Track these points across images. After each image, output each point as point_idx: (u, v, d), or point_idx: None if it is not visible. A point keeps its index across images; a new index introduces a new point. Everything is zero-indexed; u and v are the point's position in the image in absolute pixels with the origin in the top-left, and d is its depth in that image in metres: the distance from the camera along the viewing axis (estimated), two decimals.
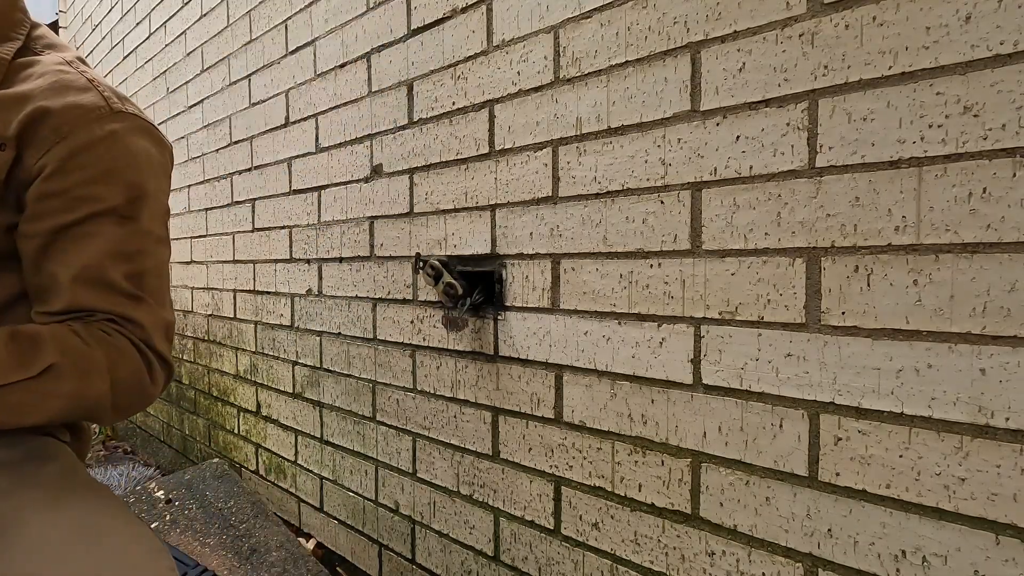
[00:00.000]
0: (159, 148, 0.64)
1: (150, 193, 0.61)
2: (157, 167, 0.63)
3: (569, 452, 0.85)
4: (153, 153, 0.63)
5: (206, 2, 1.74)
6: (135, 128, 0.61)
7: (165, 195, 0.66)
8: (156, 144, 0.64)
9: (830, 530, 0.61)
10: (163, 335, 0.62)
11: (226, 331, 1.74)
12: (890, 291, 0.57)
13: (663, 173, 0.73)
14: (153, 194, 0.62)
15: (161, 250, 0.64)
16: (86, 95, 0.58)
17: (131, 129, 0.60)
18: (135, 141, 0.60)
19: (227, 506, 1.46)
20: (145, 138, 0.62)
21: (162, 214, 0.65)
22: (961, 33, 0.53)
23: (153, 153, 0.63)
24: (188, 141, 1.90)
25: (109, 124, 0.58)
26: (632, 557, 0.78)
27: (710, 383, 0.70)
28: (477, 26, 0.95)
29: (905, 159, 0.56)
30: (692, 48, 0.70)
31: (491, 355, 0.95)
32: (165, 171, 0.66)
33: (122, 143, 0.59)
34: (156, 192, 0.63)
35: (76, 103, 0.57)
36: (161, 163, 0.65)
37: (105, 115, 0.58)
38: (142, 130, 0.62)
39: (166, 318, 0.63)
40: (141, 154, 0.61)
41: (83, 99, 0.57)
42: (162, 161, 0.65)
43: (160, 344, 0.61)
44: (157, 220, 0.63)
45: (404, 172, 1.10)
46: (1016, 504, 0.51)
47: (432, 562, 1.08)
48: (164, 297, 0.64)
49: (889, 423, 0.57)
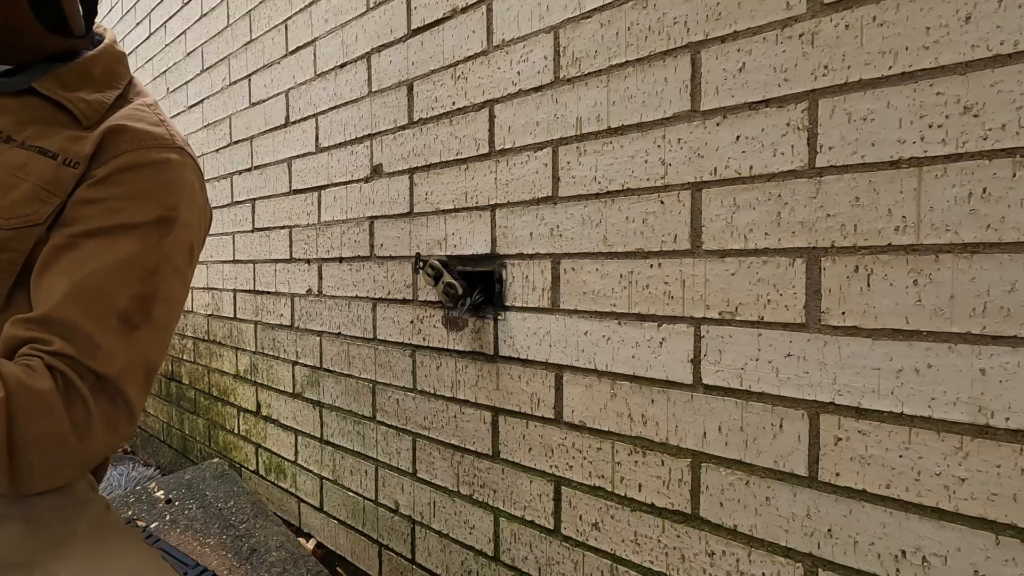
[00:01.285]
0: (202, 189, 0.67)
1: (181, 221, 0.61)
2: (196, 203, 0.65)
3: (569, 452, 0.85)
4: (197, 190, 0.65)
5: (206, 2, 1.74)
6: (189, 164, 0.64)
7: (194, 232, 0.65)
8: (200, 185, 0.67)
9: (830, 530, 0.61)
10: (141, 376, 0.57)
11: (226, 331, 1.74)
12: (890, 291, 0.57)
13: (663, 173, 0.73)
14: (183, 223, 0.62)
15: (176, 282, 0.62)
16: (156, 128, 0.63)
17: (184, 163, 0.63)
18: (185, 173, 0.63)
19: (227, 506, 1.46)
20: (194, 176, 0.65)
21: (188, 249, 0.63)
22: (961, 33, 0.53)
23: (197, 190, 0.65)
24: (188, 141, 1.90)
25: (167, 153, 0.62)
26: (632, 557, 0.78)
27: (710, 383, 0.70)
28: (477, 26, 0.95)
29: (905, 159, 0.56)
30: (692, 48, 0.70)
31: (491, 355, 0.95)
32: (202, 211, 0.67)
33: (172, 171, 0.61)
34: (187, 223, 0.62)
35: (146, 130, 0.62)
36: (201, 202, 0.66)
37: (167, 145, 0.62)
38: (194, 170, 0.65)
39: (152, 357, 0.58)
40: (186, 185, 0.63)
41: (153, 129, 0.62)
42: (202, 201, 0.67)
43: (130, 384, 0.55)
44: (180, 250, 0.62)
45: (404, 172, 1.10)
46: (1016, 504, 0.51)
47: (432, 562, 1.08)
48: (164, 333, 0.60)
49: (889, 423, 0.57)
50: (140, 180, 0.59)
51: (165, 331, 0.61)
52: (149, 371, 0.58)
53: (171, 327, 0.63)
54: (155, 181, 0.60)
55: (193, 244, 0.65)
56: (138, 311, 0.56)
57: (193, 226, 0.64)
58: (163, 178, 0.60)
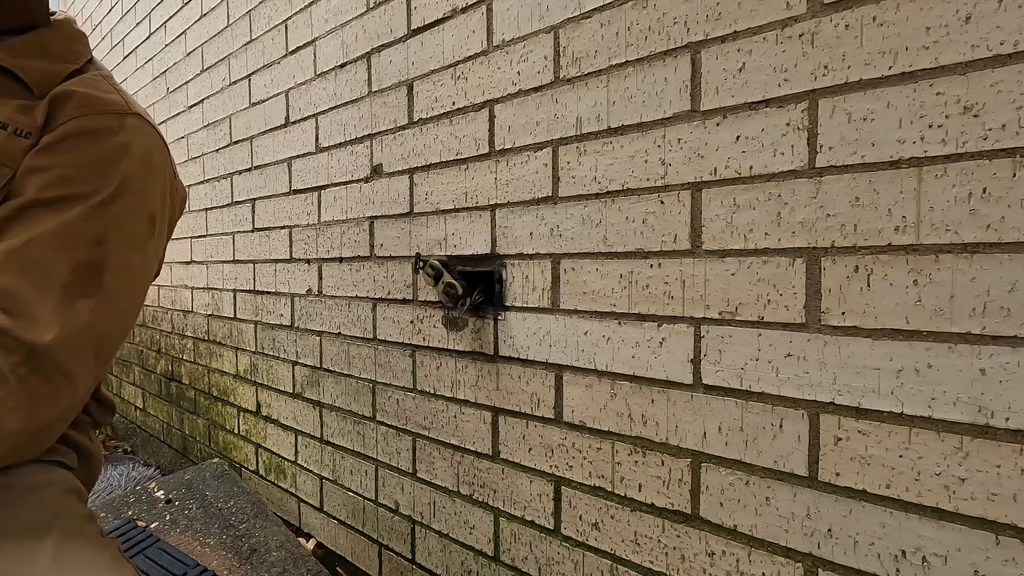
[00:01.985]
0: (164, 157, 0.63)
1: (133, 188, 0.58)
2: (154, 170, 0.61)
3: (569, 452, 0.85)
4: (156, 157, 0.61)
5: (206, 2, 1.74)
6: (146, 131, 0.60)
7: (153, 201, 0.61)
8: (162, 153, 0.62)
9: (830, 530, 0.61)
10: (90, 348, 0.54)
11: (226, 331, 1.74)
12: (890, 291, 0.57)
13: (663, 173, 0.73)
14: (136, 190, 0.58)
15: (132, 251, 0.58)
16: (108, 94, 0.60)
17: (140, 129, 0.60)
18: (139, 139, 0.59)
19: (227, 506, 1.46)
20: (152, 143, 0.61)
21: (146, 217, 0.60)
22: (961, 33, 0.53)
23: (156, 157, 0.61)
24: (188, 141, 1.90)
25: (118, 118, 0.58)
26: (632, 557, 0.78)
27: (710, 383, 0.70)
28: (477, 26, 0.95)
29: (905, 159, 0.56)
30: (692, 48, 0.70)
31: (491, 355, 0.95)
32: (164, 179, 0.63)
33: (124, 136, 0.58)
34: (142, 190, 0.59)
35: (96, 95, 0.58)
36: (162, 170, 0.62)
37: (118, 111, 0.59)
38: (153, 136, 0.61)
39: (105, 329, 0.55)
40: (139, 152, 0.59)
41: (104, 95, 0.59)
42: (165, 169, 0.63)
43: (73, 357, 0.52)
44: (136, 218, 0.58)
45: (404, 172, 1.10)
46: (1016, 504, 0.51)
47: (432, 562, 1.08)
48: (119, 304, 0.57)
49: (889, 423, 0.57)
50: (88, 146, 0.55)
51: (120, 303, 0.57)
52: (101, 343, 0.55)
53: (131, 299, 0.59)
54: (104, 147, 0.56)
55: (154, 214, 0.61)
56: (85, 281, 0.53)
57: (150, 194, 0.60)
58: (113, 143, 0.57)
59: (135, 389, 2.40)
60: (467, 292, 0.94)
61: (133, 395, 2.42)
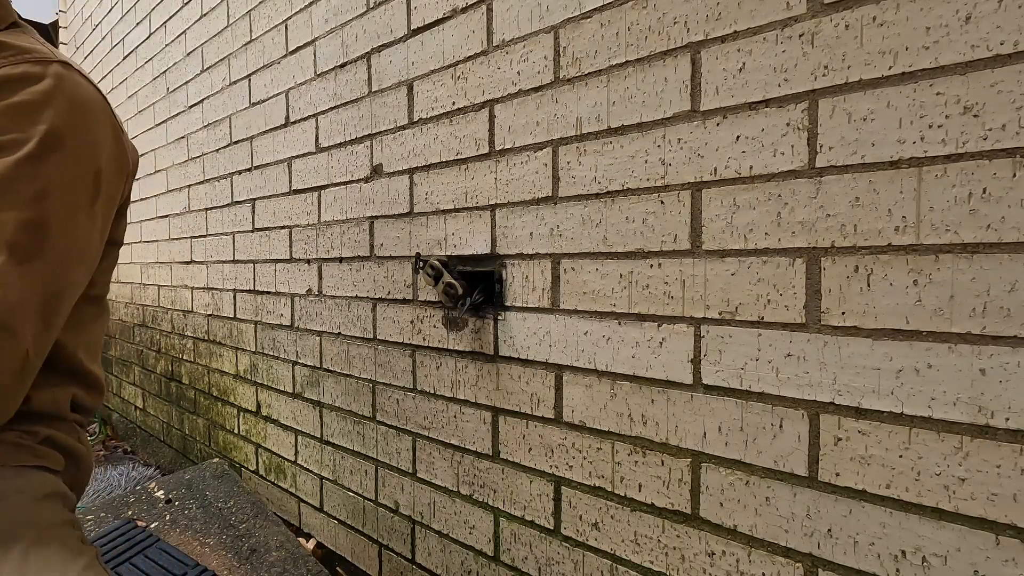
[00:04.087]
0: (105, 111, 0.59)
1: (73, 140, 0.54)
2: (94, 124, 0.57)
3: (569, 452, 0.85)
4: (96, 110, 0.58)
5: (206, 2, 1.74)
6: (80, 82, 0.57)
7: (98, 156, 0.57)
8: (102, 107, 0.59)
9: (830, 530, 0.61)
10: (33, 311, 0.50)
11: (226, 331, 1.74)
12: (890, 291, 0.57)
13: (663, 173, 0.73)
14: (77, 142, 0.55)
15: (77, 211, 0.55)
16: (34, 45, 0.57)
17: (73, 80, 0.56)
18: (74, 90, 0.56)
19: (227, 506, 1.46)
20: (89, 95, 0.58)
21: (91, 174, 0.56)
22: (961, 33, 0.53)
23: (96, 110, 0.58)
24: (188, 141, 1.90)
25: (47, 67, 0.55)
26: (632, 557, 0.78)
27: (710, 383, 0.70)
28: (477, 26, 0.95)
29: (905, 159, 0.56)
30: (692, 48, 0.70)
31: (491, 355, 0.95)
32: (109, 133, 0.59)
33: (56, 86, 0.54)
34: (83, 142, 0.55)
35: (21, 44, 0.56)
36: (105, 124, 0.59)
37: (45, 60, 0.55)
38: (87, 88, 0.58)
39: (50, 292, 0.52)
40: (76, 102, 0.55)
41: (29, 44, 0.57)
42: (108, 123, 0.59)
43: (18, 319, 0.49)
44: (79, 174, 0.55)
45: (404, 172, 1.10)
46: (1016, 504, 0.51)
47: (432, 562, 1.08)
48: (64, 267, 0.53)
49: (889, 423, 0.57)
50: (14, 94, 0.52)
51: (65, 265, 0.54)
52: (46, 305, 0.52)
53: (77, 262, 0.56)
54: (33, 95, 0.53)
55: (101, 169, 0.57)
56: (31, 240, 0.51)
57: (91, 147, 0.57)
58: (42, 91, 0.53)
59: (135, 389, 2.40)
60: (467, 292, 0.94)
61: (133, 395, 2.42)
